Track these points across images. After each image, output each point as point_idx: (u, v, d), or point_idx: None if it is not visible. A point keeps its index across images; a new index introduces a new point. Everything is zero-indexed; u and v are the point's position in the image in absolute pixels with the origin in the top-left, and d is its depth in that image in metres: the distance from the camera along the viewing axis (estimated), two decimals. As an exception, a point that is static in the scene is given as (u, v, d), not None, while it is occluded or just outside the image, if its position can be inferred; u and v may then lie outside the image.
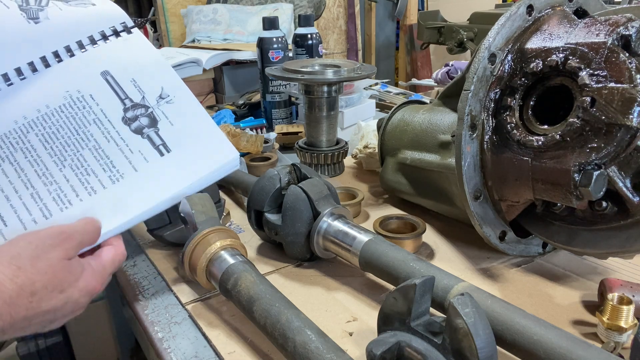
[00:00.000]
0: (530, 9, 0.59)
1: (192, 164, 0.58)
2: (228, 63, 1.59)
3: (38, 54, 0.60)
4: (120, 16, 0.66)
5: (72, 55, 0.62)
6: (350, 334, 0.54)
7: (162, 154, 0.58)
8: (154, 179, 0.57)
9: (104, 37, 0.64)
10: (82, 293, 0.48)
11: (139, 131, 0.58)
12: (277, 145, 1.17)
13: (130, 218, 0.55)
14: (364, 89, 1.41)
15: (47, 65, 0.60)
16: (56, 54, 0.61)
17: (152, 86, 0.62)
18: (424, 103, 0.89)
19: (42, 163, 0.55)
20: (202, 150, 0.60)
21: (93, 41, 0.63)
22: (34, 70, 0.60)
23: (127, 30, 0.65)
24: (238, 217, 0.83)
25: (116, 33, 0.64)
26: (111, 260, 0.52)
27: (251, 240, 0.75)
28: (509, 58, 0.58)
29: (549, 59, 0.54)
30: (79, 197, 0.54)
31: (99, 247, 0.53)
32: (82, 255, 0.51)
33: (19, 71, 0.59)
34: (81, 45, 0.62)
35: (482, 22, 1.75)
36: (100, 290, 0.51)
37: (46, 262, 0.45)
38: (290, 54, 1.32)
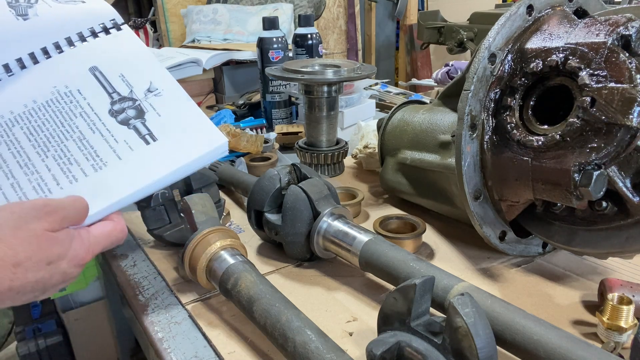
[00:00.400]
0: (530, 9, 0.59)
1: (179, 150, 0.58)
2: (228, 63, 1.59)
3: (26, 50, 0.61)
4: (109, 13, 0.66)
5: (61, 51, 0.62)
6: (350, 334, 0.54)
7: (148, 143, 0.57)
8: (139, 165, 0.56)
9: (93, 34, 0.64)
10: (71, 264, 0.47)
11: (125, 122, 0.58)
12: (277, 145, 1.17)
13: (113, 202, 0.54)
14: (364, 89, 1.41)
15: (36, 62, 0.61)
16: (45, 51, 0.62)
17: (141, 80, 0.62)
18: (424, 103, 0.89)
19: (24, 154, 0.55)
20: (189, 138, 0.59)
21: (82, 38, 0.64)
22: (22, 66, 0.60)
23: (117, 27, 0.66)
24: (238, 217, 0.83)
25: (106, 30, 0.65)
26: (106, 234, 0.51)
27: (251, 240, 0.75)
28: (509, 58, 0.58)
29: (549, 59, 0.54)
30: (60, 186, 0.54)
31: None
32: None
33: (6, 67, 0.60)
34: (70, 42, 0.63)
35: (482, 22, 1.75)
36: (89, 259, 0.50)
37: (29, 233, 0.44)
38: (290, 54, 1.32)
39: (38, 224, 0.45)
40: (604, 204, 0.54)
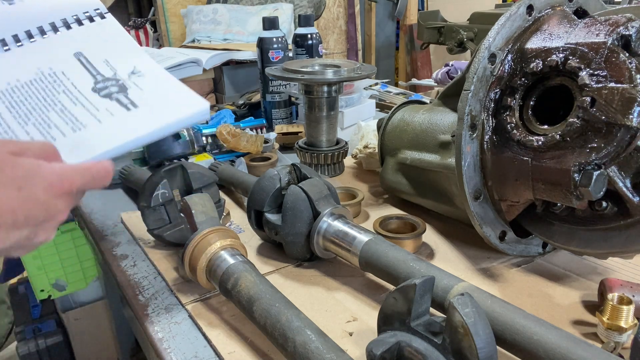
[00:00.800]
0: (530, 9, 0.59)
1: (160, 113, 0.58)
2: (228, 63, 1.59)
3: (10, 32, 0.61)
4: (94, 3, 0.68)
5: (45, 36, 0.63)
6: (350, 334, 0.54)
7: (129, 110, 0.57)
8: (119, 126, 0.56)
9: (78, 22, 0.65)
10: (49, 194, 0.44)
11: (107, 96, 0.59)
12: (277, 145, 1.17)
13: (93, 156, 0.53)
14: (364, 89, 1.41)
15: (20, 44, 0.61)
16: (29, 34, 0.62)
17: (125, 65, 0.62)
18: (424, 103, 0.89)
19: (5, 124, 0.56)
20: (171, 103, 0.59)
21: (67, 25, 0.65)
22: (7, 48, 0.61)
23: (101, 15, 0.67)
24: (238, 217, 0.83)
25: (90, 18, 0.66)
26: (85, 166, 0.49)
27: (251, 240, 0.75)
28: (509, 58, 0.58)
29: (549, 59, 0.54)
30: None
31: None
32: None
33: None
34: (54, 28, 0.64)
35: (482, 22, 1.75)
36: (69, 189, 0.46)
37: None
38: (290, 54, 1.32)
39: (0, 148, 0.43)
40: (604, 204, 0.54)
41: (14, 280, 1.57)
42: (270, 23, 1.24)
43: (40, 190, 0.44)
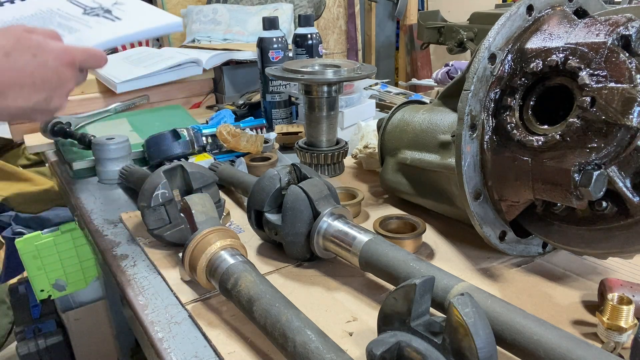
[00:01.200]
0: (530, 9, 0.59)
1: (141, 21, 0.73)
2: (228, 63, 1.59)
3: None
4: None
5: None
6: (350, 334, 0.54)
7: (113, 21, 0.71)
8: (107, 29, 0.69)
9: None
10: (56, 60, 0.56)
11: (95, 15, 0.72)
12: (277, 145, 1.17)
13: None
14: (364, 89, 1.41)
15: (22, 0, 0.74)
16: None
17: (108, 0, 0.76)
18: (424, 103, 0.89)
19: None
20: (150, 16, 0.75)
21: None
22: (11, 2, 0.73)
23: None
24: (238, 217, 0.83)
25: None
26: (84, 47, 0.61)
27: (251, 240, 0.75)
28: (509, 58, 0.58)
29: (549, 59, 0.54)
30: None
31: None
32: None
33: None
34: None
35: (482, 22, 1.75)
36: (72, 60, 0.58)
37: (10, 32, 0.54)
38: (290, 54, 1.32)
39: (17, 27, 0.56)
40: (604, 204, 0.54)
41: (14, 280, 1.58)
42: (270, 23, 1.24)
43: (51, 58, 0.56)
